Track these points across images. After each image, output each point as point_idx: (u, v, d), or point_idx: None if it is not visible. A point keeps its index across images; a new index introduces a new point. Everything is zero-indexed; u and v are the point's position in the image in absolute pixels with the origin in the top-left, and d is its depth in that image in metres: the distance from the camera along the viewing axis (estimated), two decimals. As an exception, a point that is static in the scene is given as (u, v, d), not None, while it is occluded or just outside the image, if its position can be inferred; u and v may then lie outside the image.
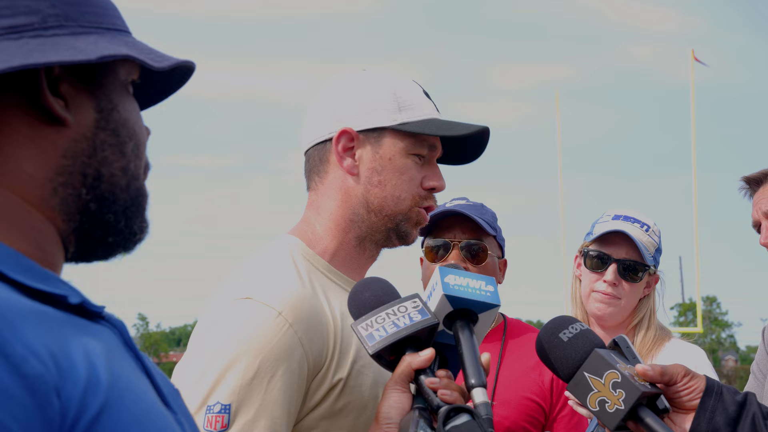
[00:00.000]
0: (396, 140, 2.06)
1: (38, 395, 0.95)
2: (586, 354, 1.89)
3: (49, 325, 1.02)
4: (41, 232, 1.13)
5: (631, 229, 3.24)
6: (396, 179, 2.06)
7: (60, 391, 0.97)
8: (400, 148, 2.06)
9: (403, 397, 1.69)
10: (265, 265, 2.03)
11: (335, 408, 1.94)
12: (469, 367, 1.70)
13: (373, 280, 1.84)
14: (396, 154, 2.06)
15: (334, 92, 2.11)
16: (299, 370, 1.89)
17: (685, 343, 3.32)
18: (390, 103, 2.06)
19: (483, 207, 3.13)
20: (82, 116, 1.15)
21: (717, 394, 1.96)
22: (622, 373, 1.86)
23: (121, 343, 1.16)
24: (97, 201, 1.16)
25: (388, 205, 2.06)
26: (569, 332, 1.92)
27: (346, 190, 2.07)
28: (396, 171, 2.06)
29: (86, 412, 0.99)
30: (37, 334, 0.99)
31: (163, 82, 1.30)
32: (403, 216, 2.07)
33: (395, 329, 1.71)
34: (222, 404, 1.86)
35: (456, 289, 1.78)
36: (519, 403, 3.01)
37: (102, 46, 1.14)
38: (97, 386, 1.01)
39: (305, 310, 1.92)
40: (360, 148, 2.06)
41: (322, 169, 2.10)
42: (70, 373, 0.99)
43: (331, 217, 2.09)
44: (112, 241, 1.19)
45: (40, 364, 0.96)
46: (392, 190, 2.05)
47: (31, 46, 1.10)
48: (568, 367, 1.91)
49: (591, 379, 1.87)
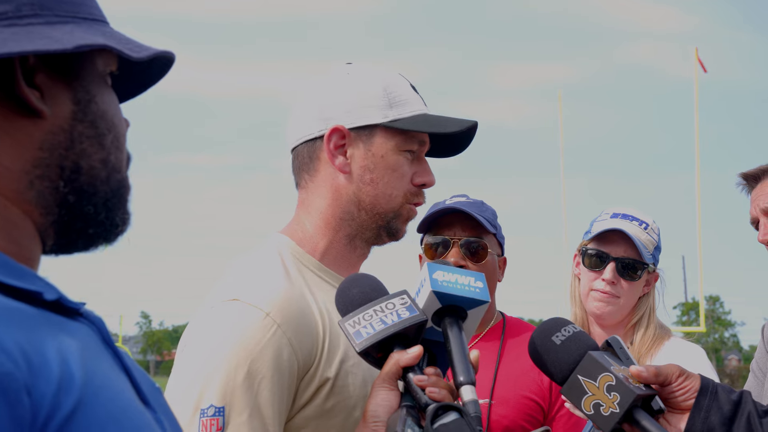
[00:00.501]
0: (387, 137, 2.04)
1: (7, 393, 0.93)
2: (579, 357, 1.88)
3: (21, 322, 1.00)
4: (17, 226, 1.11)
5: (630, 227, 3.22)
6: (388, 177, 2.04)
7: (31, 389, 0.95)
8: (392, 145, 2.04)
9: (390, 395, 1.67)
10: (253, 266, 2.01)
11: (325, 407, 1.93)
12: (457, 364, 1.68)
13: (360, 276, 1.82)
14: (388, 152, 2.04)
15: (321, 88, 2.09)
16: (289, 369, 1.88)
17: (684, 341, 3.29)
18: (380, 100, 2.04)
19: (483, 204, 3.12)
20: (58, 108, 1.13)
21: (712, 393, 1.94)
22: (616, 376, 1.84)
23: (100, 341, 1.13)
24: (75, 193, 1.14)
25: (379, 203, 2.05)
26: (562, 335, 1.90)
27: (337, 188, 2.05)
28: (388, 168, 2.04)
29: (59, 411, 0.97)
30: (8, 331, 0.96)
31: (142, 74, 1.28)
32: (394, 213, 2.06)
33: (383, 326, 1.69)
34: (215, 407, 1.85)
35: (445, 285, 1.75)
36: (518, 402, 2.99)
37: (78, 36, 1.11)
38: (70, 384, 0.99)
39: (293, 310, 1.91)
40: (351, 145, 2.04)
41: (312, 166, 2.08)
42: (42, 371, 0.97)
43: (322, 215, 2.07)
44: (92, 232, 1.17)
45: (9, 362, 0.94)
46: (384, 188, 2.04)
47: (4, 35, 1.07)
48: (561, 370, 1.89)
49: (585, 382, 1.86)
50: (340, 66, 2.13)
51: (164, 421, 1.16)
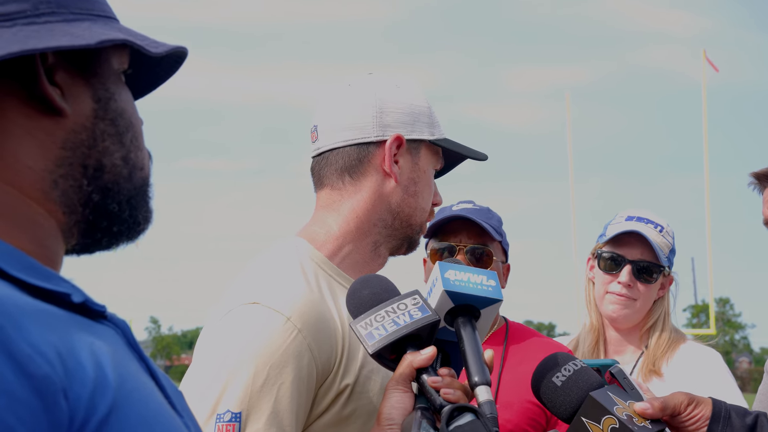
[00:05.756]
0: (429, 154, 2.12)
1: (45, 396, 0.91)
2: (581, 398, 1.83)
3: (54, 324, 0.98)
4: (42, 226, 1.10)
5: (646, 230, 3.20)
6: (426, 191, 2.12)
7: (67, 392, 0.93)
8: (432, 162, 2.14)
9: (405, 397, 1.63)
10: (272, 269, 1.99)
11: (343, 414, 1.90)
12: (472, 364, 1.65)
13: (371, 277, 1.79)
14: (428, 167, 2.13)
15: (374, 95, 2.09)
16: (308, 376, 1.86)
17: (700, 345, 3.27)
18: (427, 117, 2.12)
19: (489, 211, 3.14)
20: (79, 106, 1.12)
21: (725, 419, 1.88)
22: (619, 419, 1.80)
23: (125, 344, 1.12)
24: (99, 192, 1.13)
25: (415, 215, 2.10)
26: (562, 375, 1.85)
27: (381, 195, 2.06)
28: (427, 184, 2.12)
29: (95, 414, 0.95)
30: (43, 333, 0.94)
31: (150, 73, 1.27)
32: (419, 227, 2.13)
33: (395, 327, 1.66)
34: (232, 412, 1.82)
35: (457, 284, 1.72)
36: (521, 407, 2.98)
37: (98, 32, 1.11)
38: (105, 387, 0.97)
39: (313, 315, 1.89)
40: (403, 156, 2.08)
41: (359, 169, 2.06)
42: (78, 374, 0.95)
43: (357, 218, 2.06)
44: (116, 230, 1.16)
45: (46, 364, 0.92)
46: (421, 202, 2.11)
47: (25, 32, 1.06)
48: (564, 411, 1.85)
49: (589, 424, 1.82)
50: (383, 74, 2.16)
51: (191, 426, 1.14)
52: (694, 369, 3.14)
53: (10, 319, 0.92)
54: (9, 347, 0.90)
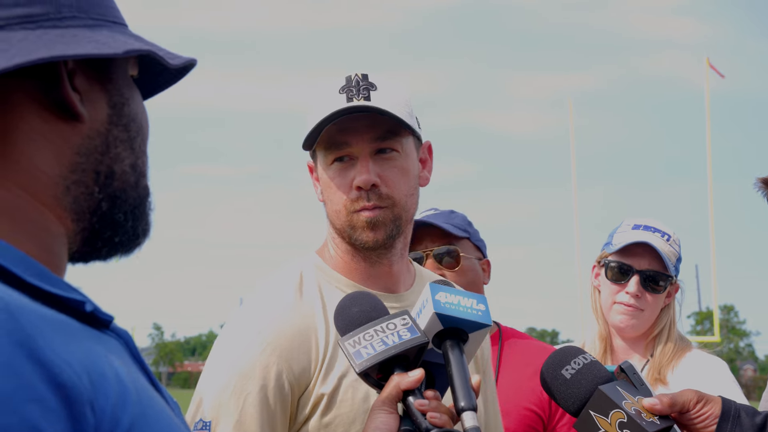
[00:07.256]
0: (318, 155, 2.09)
1: (74, 407, 0.90)
2: (590, 392, 1.82)
3: (74, 334, 0.96)
4: (51, 233, 1.08)
5: (654, 240, 3.18)
6: (331, 194, 2.07)
7: (94, 404, 0.92)
8: (322, 161, 2.08)
9: (390, 419, 1.60)
10: (265, 288, 2.10)
11: (323, 422, 1.97)
12: (459, 389, 1.62)
13: (361, 294, 1.78)
14: (322, 170, 2.08)
15: None
16: (278, 387, 1.94)
17: (705, 354, 3.25)
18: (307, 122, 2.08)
19: (451, 213, 3.13)
20: (95, 111, 1.10)
21: (734, 417, 1.86)
22: (627, 413, 1.79)
23: (129, 355, 1.10)
24: (109, 200, 1.11)
25: (336, 221, 2.09)
26: (572, 368, 1.85)
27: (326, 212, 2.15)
28: (327, 186, 2.07)
29: (118, 428, 0.94)
30: (67, 344, 0.93)
31: (153, 81, 1.26)
32: (349, 227, 2.06)
33: (384, 347, 1.64)
34: (204, 421, 1.95)
35: (447, 307, 1.70)
36: (519, 414, 2.95)
37: (121, 41, 1.10)
38: (126, 400, 0.96)
39: (286, 329, 1.97)
40: (315, 171, 2.13)
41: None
42: (102, 386, 0.94)
43: (329, 235, 2.15)
44: (117, 241, 1.14)
45: (75, 375, 0.91)
46: (332, 206, 2.08)
47: (50, 36, 1.05)
48: (573, 404, 1.84)
49: (597, 418, 1.81)
50: None
51: None
52: (700, 377, 3.12)
53: (38, 329, 0.91)
54: (40, 356, 0.89)
